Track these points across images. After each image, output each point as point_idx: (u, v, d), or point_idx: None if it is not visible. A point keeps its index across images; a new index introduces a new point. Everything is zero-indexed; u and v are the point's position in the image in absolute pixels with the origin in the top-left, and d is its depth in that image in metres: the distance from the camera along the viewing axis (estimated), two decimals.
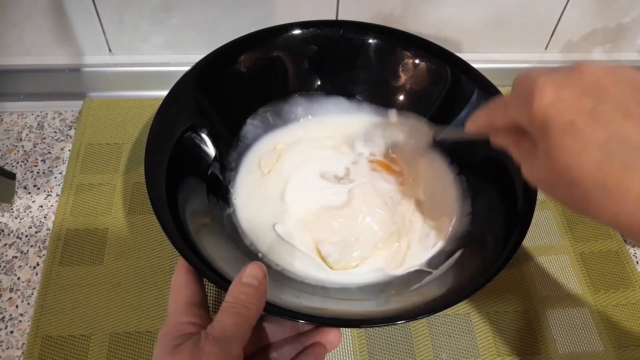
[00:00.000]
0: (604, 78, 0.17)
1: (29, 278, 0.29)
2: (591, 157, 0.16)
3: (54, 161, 0.34)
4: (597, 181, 0.16)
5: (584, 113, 0.17)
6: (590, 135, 0.16)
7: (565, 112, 0.17)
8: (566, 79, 0.18)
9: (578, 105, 0.17)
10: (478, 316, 0.28)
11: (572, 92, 0.17)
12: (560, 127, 0.17)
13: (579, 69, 0.18)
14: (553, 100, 0.17)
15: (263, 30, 0.32)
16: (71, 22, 0.34)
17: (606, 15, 0.37)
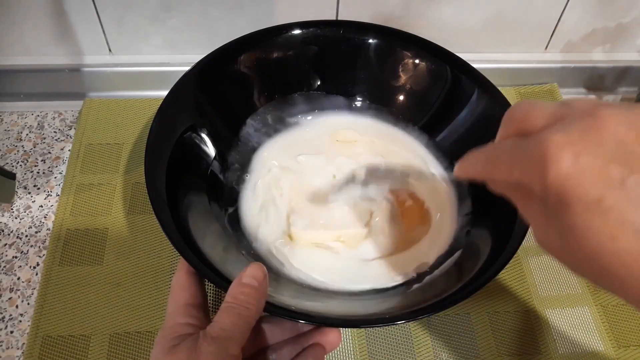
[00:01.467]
0: (629, 134, 0.14)
1: (29, 278, 0.29)
2: (627, 245, 0.13)
3: (54, 161, 0.34)
4: (633, 274, 0.13)
5: (612, 187, 0.13)
6: (624, 217, 0.13)
7: (589, 187, 0.13)
8: (585, 138, 0.14)
9: (604, 176, 0.13)
10: (478, 316, 0.28)
11: (595, 159, 0.13)
12: (584, 206, 0.14)
13: (598, 121, 0.14)
14: (572, 170, 0.14)
15: (263, 30, 0.32)
16: (71, 22, 0.34)
17: (606, 15, 0.37)
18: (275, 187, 0.30)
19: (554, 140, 0.14)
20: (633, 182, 0.13)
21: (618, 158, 0.14)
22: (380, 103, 0.34)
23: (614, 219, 0.13)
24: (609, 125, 0.14)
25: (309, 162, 0.31)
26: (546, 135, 0.14)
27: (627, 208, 0.13)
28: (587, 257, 0.14)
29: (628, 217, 0.13)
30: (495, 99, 0.30)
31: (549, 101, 0.16)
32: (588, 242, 0.14)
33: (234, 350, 0.18)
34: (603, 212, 0.14)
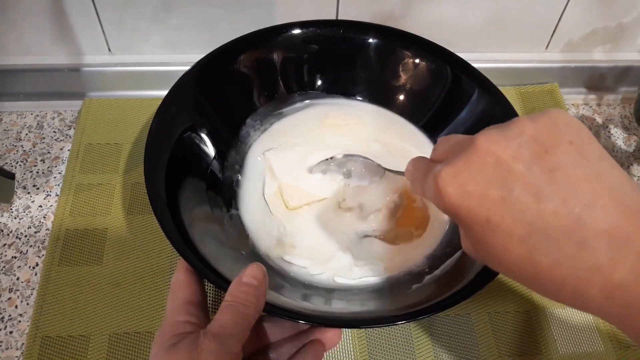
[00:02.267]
0: (503, 153, 0.16)
1: (28, 278, 0.29)
2: (517, 253, 0.15)
3: (54, 161, 0.34)
4: (529, 275, 0.16)
5: (496, 207, 0.16)
6: (509, 230, 0.15)
7: (476, 210, 0.16)
8: (466, 167, 0.16)
9: (487, 199, 0.16)
10: (478, 316, 0.28)
11: (477, 185, 0.16)
12: (477, 225, 0.16)
13: (476, 149, 0.16)
14: (460, 199, 0.16)
15: (263, 29, 0.32)
16: (71, 22, 0.34)
17: (607, 14, 0.37)
18: (268, 179, 0.30)
19: (442, 175, 0.17)
20: (512, 199, 0.15)
21: (497, 179, 0.16)
22: (381, 103, 0.34)
23: (502, 233, 0.16)
24: (486, 150, 0.16)
25: (300, 149, 0.31)
26: (438, 169, 0.17)
27: (511, 222, 0.15)
28: (497, 266, 0.17)
29: (512, 230, 0.15)
30: (495, 98, 0.30)
31: (460, 135, 0.18)
32: (489, 253, 0.16)
33: (235, 348, 0.18)
34: (493, 229, 0.16)
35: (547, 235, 0.15)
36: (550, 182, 0.15)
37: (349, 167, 0.29)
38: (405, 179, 0.21)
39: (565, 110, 0.17)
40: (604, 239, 0.15)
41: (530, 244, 0.15)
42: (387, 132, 0.32)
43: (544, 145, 0.16)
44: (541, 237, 0.15)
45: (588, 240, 0.15)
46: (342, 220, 0.28)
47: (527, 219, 0.15)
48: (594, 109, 0.40)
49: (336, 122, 0.33)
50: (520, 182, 0.15)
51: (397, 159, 0.27)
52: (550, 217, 0.15)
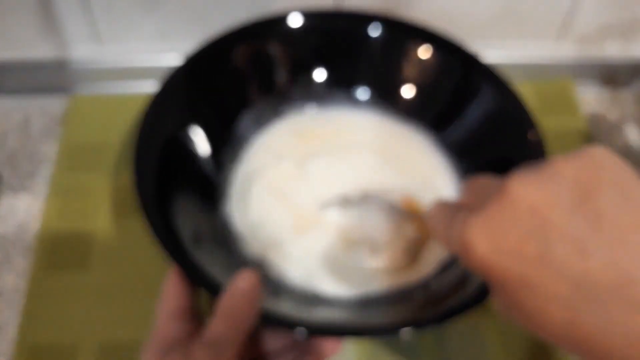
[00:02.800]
0: (539, 201, 0.14)
1: (14, 283, 0.27)
2: (559, 316, 0.14)
3: (41, 161, 0.33)
4: (572, 341, 0.14)
5: (533, 265, 0.14)
6: (550, 292, 0.13)
7: (510, 269, 0.14)
8: (497, 217, 0.14)
9: (522, 256, 0.14)
10: (487, 325, 0.27)
11: (511, 239, 0.14)
12: (511, 285, 0.14)
13: (507, 195, 0.14)
14: (491, 255, 0.14)
15: (261, 19, 0.30)
16: (58, 13, 0.33)
17: (621, 7, 0.36)
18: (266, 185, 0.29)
19: (469, 227, 0.15)
20: (552, 255, 0.14)
21: (533, 232, 0.14)
22: (385, 97, 0.32)
23: (540, 293, 0.14)
24: (520, 197, 0.14)
25: (303, 158, 0.30)
26: (465, 220, 0.15)
27: (551, 281, 0.14)
28: (535, 329, 0.15)
29: (553, 289, 0.14)
30: (506, 93, 0.28)
31: (489, 178, 0.17)
32: (525, 316, 0.15)
33: (229, 355, 0.17)
34: (530, 288, 0.14)
35: (593, 296, 0.13)
36: (595, 232, 0.13)
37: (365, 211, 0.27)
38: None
39: (607, 149, 0.15)
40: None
41: (575, 306, 0.13)
42: (390, 144, 0.30)
43: (585, 189, 0.14)
44: (587, 299, 0.13)
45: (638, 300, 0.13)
46: (349, 254, 0.26)
47: (570, 278, 0.13)
48: (608, 105, 0.39)
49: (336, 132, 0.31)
50: (560, 235, 0.14)
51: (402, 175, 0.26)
52: (596, 274, 0.13)
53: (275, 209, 0.28)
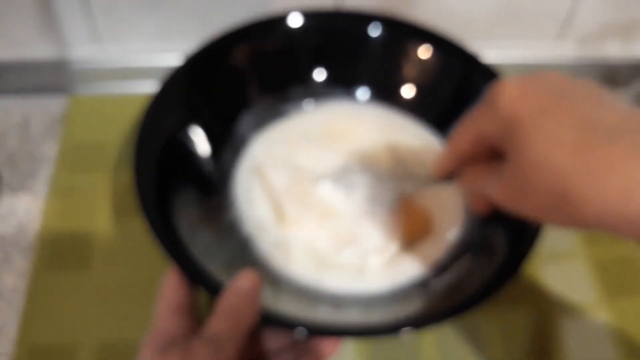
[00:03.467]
0: (565, 80, 0.17)
1: (15, 283, 0.27)
2: (568, 137, 0.15)
3: (41, 161, 0.33)
4: (578, 163, 0.15)
5: (554, 99, 0.16)
6: (563, 118, 0.16)
7: (533, 102, 0.16)
8: (528, 77, 0.17)
9: (545, 95, 0.16)
10: (487, 324, 0.27)
11: (537, 86, 0.17)
12: (529, 115, 0.16)
13: (541, 73, 0.18)
14: (517, 94, 0.17)
15: (260, 19, 0.30)
16: (58, 12, 0.33)
17: (621, 7, 0.36)
18: (267, 185, 0.28)
19: (502, 82, 0.17)
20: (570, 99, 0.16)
21: (557, 89, 0.17)
22: (385, 97, 0.32)
23: (555, 117, 0.16)
24: (551, 74, 0.17)
25: (303, 156, 0.30)
26: (497, 84, 0.18)
27: (566, 111, 0.16)
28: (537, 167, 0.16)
29: (567, 116, 0.16)
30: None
31: None
32: (536, 146, 0.16)
33: (230, 353, 0.17)
34: (547, 115, 0.16)
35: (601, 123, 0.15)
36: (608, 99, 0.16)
37: (365, 182, 0.27)
38: None
39: None
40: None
41: (584, 128, 0.15)
42: (393, 136, 0.31)
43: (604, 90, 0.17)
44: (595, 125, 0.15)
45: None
46: (350, 251, 0.26)
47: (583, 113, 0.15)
48: None
49: (339, 128, 0.31)
50: (580, 93, 0.16)
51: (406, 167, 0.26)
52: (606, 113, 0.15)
53: (276, 207, 0.28)
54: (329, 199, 0.27)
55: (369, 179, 0.28)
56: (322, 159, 0.29)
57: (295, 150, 0.30)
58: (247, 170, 0.30)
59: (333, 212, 0.27)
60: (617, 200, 0.14)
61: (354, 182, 0.28)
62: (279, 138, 0.31)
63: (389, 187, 0.28)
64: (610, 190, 0.14)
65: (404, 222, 0.27)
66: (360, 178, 0.28)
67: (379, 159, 0.29)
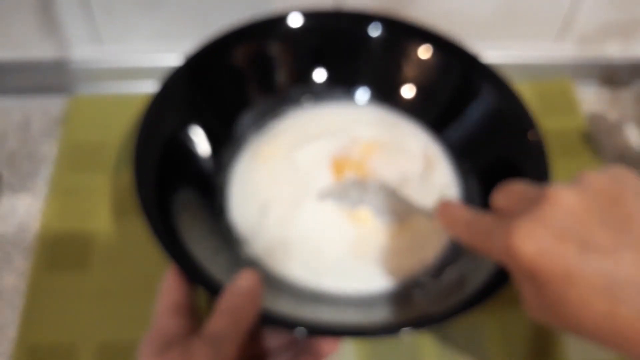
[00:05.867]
0: (577, 206, 0.16)
1: (14, 283, 0.27)
2: (598, 307, 0.15)
3: (41, 161, 0.33)
4: (611, 331, 0.15)
5: (574, 260, 0.15)
6: (590, 283, 0.15)
7: (554, 264, 0.16)
8: (540, 220, 0.16)
9: (564, 250, 0.16)
10: (488, 324, 0.27)
11: (552, 235, 0.16)
12: (555, 282, 0.16)
13: (548, 199, 0.16)
14: (535, 249, 0.16)
15: (260, 19, 0.30)
16: (58, 13, 0.33)
17: (621, 7, 0.36)
18: (266, 186, 0.28)
19: (516, 232, 0.16)
20: (590, 249, 0.15)
21: (573, 231, 0.16)
22: (385, 97, 0.32)
23: (583, 287, 0.15)
24: (561, 203, 0.16)
25: (301, 158, 0.30)
26: (510, 223, 0.17)
27: (591, 274, 0.15)
28: (574, 325, 0.16)
29: (592, 282, 0.15)
30: (505, 92, 0.28)
31: (525, 185, 0.18)
32: (567, 314, 0.16)
33: (230, 353, 0.17)
34: (573, 283, 0.15)
35: (629, 285, 0.15)
36: (625, 230, 0.16)
37: (368, 198, 0.27)
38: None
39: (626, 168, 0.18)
40: None
41: (613, 295, 0.15)
42: (391, 136, 0.31)
43: (614, 197, 0.16)
44: (623, 288, 0.15)
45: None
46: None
47: (607, 270, 0.15)
48: (608, 105, 0.39)
49: (336, 128, 0.31)
50: (596, 233, 0.16)
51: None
52: (629, 266, 0.15)
53: (275, 207, 0.28)
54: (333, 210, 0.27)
55: (364, 189, 0.28)
56: (321, 159, 0.29)
57: (295, 151, 0.30)
58: (246, 170, 0.30)
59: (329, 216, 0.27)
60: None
61: (349, 193, 0.27)
62: (279, 138, 0.31)
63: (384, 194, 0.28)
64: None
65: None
66: (357, 189, 0.28)
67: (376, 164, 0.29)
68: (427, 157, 0.29)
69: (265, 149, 0.30)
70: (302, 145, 0.30)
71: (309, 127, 0.31)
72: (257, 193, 0.28)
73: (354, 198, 0.27)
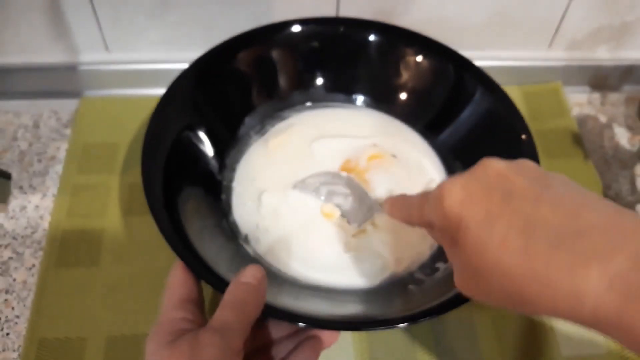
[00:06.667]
0: (506, 170, 0.17)
1: (24, 279, 0.28)
2: (515, 244, 0.16)
3: (50, 161, 0.34)
4: (526, 269, 0.15)
5: (496, 202, 0.16)
6: (508, 222, 0.16)
7: (477, 205, 0.17)
8: (470, 176, 0.18)
9: (488, 197, 0.17)
10: (481, 319, 0.27)
11: (480, 187, 0.17)
12: (475, 221, 0.16)
13: (482, 165, 0.18)
14: (462, 196, 0.17)
15: (262, 27, 0.31)
16: (67, 19, 0.34)
17: (611, 12, 0.37)
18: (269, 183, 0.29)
19: (447, 182, 0.18)
20: (512, 197, 0.16)
21: (499, 185, 0.17)
22: (382, 101, 0.33)
23: (500, 225, 0.16)
24: (492, 166, 0.18)
25: (302, 158, 0.30)
26: (442, 182, 0.18)
27: (510, 215, 0.16)
28: (490, 270, 0.16)
29: (511, 222, 0.16)
30: (499, 97, 0.30)
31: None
32: (485, 252, 0.16)
33: (237, 343, 0.18)
34: (492, 222, 0.16)
35: (544, 226, 0.15)
36: (547, 191, 0.17)
37: (340, 193, 0.28)
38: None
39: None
40: (600, 230, 0.15)
41: (528, 233, 0.15)
42: (386, 138, 0.32)
43: (541, 174, 0.18)
44: (539, 229, 0.15)
45: (585, 230, 0.15)
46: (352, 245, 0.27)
47: (526, 214, 0.16)
48: (598, 108, 0.40)
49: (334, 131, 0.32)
50: (519, 188, 0.17)
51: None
52: (547, 213, 0.16)
53: (275, 206, 0.29)
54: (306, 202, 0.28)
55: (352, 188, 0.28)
56: (320, 160, 0.30)
57: (294, 152, 0.31)
58: (250, 169, 0.31)
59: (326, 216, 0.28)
60: (568, 306, 0.14)
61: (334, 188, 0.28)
62: (280, 139, 0.32)
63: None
64: (560, 297, 0.14)
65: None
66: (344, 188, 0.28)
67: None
68: (430, 182, 0.30)
69: (270, 148, 0.31)
70: (303, 150, 0.31)
71: (309, 131, 0.32)
72: (258, 192, 0.29)
73: (322, 193, 0.28)
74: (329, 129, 0.32)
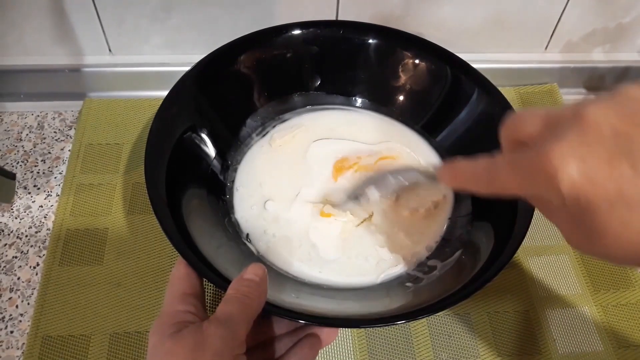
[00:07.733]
0: (619, 123, 0.14)
1: (28, 278, 0.29)
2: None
3: (54, 161, 0.34)
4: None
5: (626, 178, 0.13)
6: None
7: (606, 185, 0.14)
8: (583, 140, 0.14)
9: (615, 170, 0.14)
10: (478, 316, 0.28)
11: (601, 158, 0.14)
12: (606, 204, 0.14)
13: (587, 121, 0.14)
14: (584, 175, 0.14)
15: (263, 30, 0.32)
16: (71, 22, 0.34)
17: (606, 15, 0.37)
18: (268, 185, 0.30)
19: (555, 151, 0.14)
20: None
21: (620, 149, 0.14)
22: (380, 103, 0.34)
23: (637, 205, 0.13)
24: (600, 121, 0.14)
25: (302, 159, 0.31)
26: (546, 147, 0.14)
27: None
28: (625, 248, 0.14)
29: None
30: (495, 99, 0.30)
31: (549, 109, 0.16)
32: (622, 234, 0.14)
33: (241, 335, 0.18)
34: (626, 203, 0.14)
35: None
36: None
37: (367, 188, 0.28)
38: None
39: None
40: None
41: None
42: (388, 139, 0.32)
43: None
44: None
45: None
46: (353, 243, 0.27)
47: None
48: None
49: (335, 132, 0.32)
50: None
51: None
52: None
53: (279, 213, 0.29)
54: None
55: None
56: (320, 161, 0.31)
57: (296, 154, 0.31)
58: (251, 169, 0.31)
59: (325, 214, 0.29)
60: None
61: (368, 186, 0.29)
62: (281, 140, 0.32)
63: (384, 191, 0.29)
64: None
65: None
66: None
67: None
68: (434, 202, 0.30)
69: (273, 149, 0.32)
70: (305, 147, 0.32)
71: (309, 132, 0.33)
72: (264, 199, 0.30)
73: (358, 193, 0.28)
74: (329, 130, 0.33)
